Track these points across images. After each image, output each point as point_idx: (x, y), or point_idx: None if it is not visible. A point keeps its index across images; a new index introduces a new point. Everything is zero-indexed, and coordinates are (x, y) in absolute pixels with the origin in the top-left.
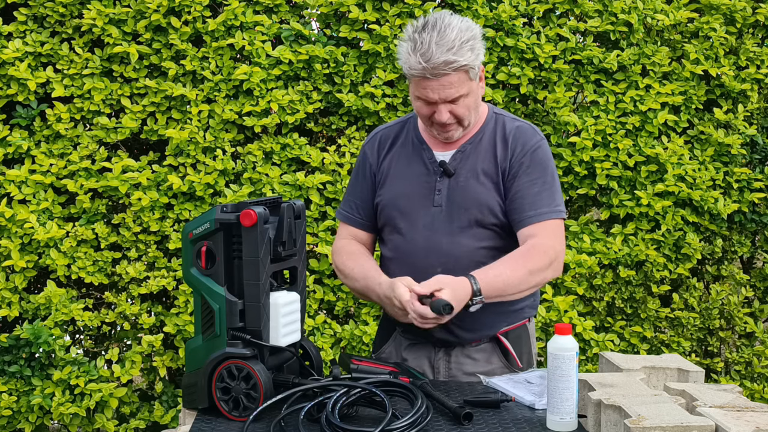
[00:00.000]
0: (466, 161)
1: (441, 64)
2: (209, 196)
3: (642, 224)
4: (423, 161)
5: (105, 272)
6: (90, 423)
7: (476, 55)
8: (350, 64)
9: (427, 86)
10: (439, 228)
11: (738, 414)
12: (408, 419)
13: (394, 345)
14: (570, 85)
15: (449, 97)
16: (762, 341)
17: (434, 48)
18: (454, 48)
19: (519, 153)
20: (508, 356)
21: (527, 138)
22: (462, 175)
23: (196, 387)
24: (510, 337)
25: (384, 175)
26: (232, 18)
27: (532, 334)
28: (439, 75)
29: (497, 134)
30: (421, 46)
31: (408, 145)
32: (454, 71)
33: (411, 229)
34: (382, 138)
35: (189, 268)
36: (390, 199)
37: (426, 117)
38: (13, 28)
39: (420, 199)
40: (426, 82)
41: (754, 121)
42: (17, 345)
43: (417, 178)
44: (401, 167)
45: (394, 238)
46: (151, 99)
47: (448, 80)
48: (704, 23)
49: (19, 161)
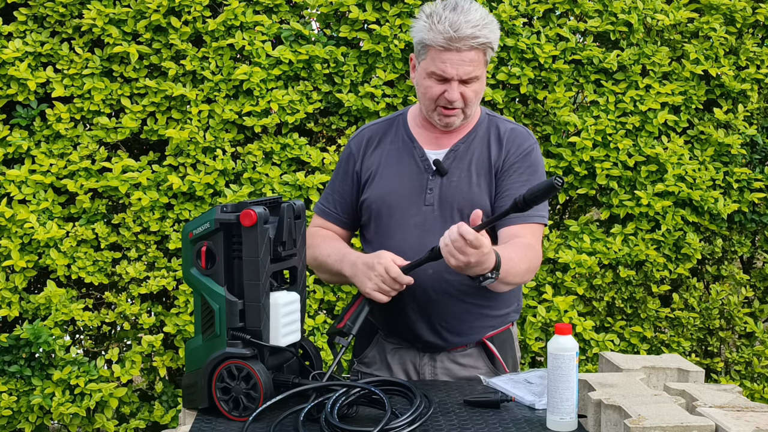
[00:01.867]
0: (459, 161)
1: (468, 36)
2: (209, 196)
3: (642, 224)
4: (414, 159)
5: (105, 272)
6: (90, 423)
7: (495, 38)
8: (350, 64)
9: (446, 59)
10: (431, 227)
11: (738, 414)
12: (407, 417)
13: (377, 349)
14: (570, 85)
15: (465, 74)
16: (762, 341)
17: (462, 22)
18: (480, 26)
19: (513, 154)
20: (494, 361)
21: (522, 140)
22: (455, 175)
23: (196, 387)
24: (495, 342)
25: (372, 172)
26: (232, 18)
27: (515, 339)
28: (461, 49)
29: (491, 134)
30: (446, 19)
31: (398, 142)
32: (477, 46)
33: (401, 228)
34: (370, 135)
35: (189, 268)
36: (378, 196)
37: (433, 98)
38: (13, 28)
39: (411, 197)
40: (447, 54)
41: (754, 121)
42: (17, 345)
43: (408, 175)
44: (391, 165)
45: (380, 238)
46: (151, 99)
47: (469, 56)
48: (704, 23)
49: (19, 161)
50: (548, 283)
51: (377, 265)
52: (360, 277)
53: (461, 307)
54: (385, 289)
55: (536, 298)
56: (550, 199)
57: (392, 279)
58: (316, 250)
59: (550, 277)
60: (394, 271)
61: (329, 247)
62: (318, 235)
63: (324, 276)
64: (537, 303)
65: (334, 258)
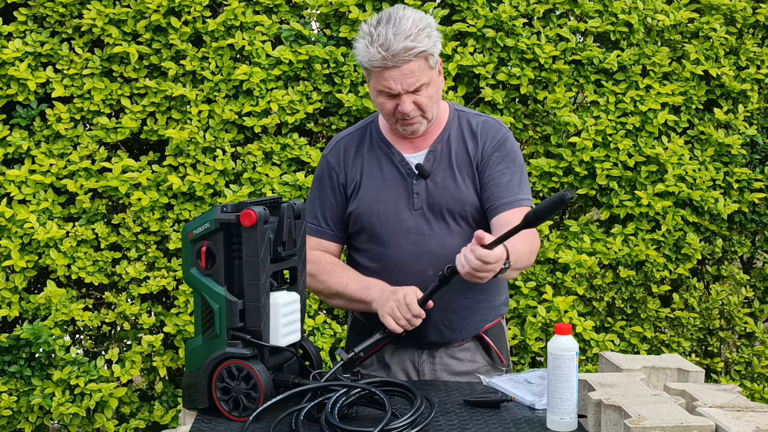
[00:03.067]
0: (439, 161)
1: (401, 50)
2: (209, 196)
3: (642, 224)
4: (394, 165)
5: (105, 272)
6: (90, 423)
7: (434, 42)
8: (350, 65)
9: (388, 77)
10: (424, 231)
11: (738, 414)
12: (408, 418)
13: None
14: (570, 85)
15: (411, 86)
16: (762, 341)
17: (392, 38)
18: (412, 36)
19: (489, 145)
20: (491, 353)
21: (495, 131)
22: (439, 176)
23: (196, 387)
24: (490, 335)
25: (356, 182)
26: (232, 18)
27: (506, 331)
28: (399, 63)
29: (464, 130)
30: (378, 37)
31: (375, 150)
32: (414, 57)
33: (395, 235)
34: (346, 146)
35: (189, 268)
36: (366, 206)
37: (390, 113)
38: (13, 28)
39: (398, 203)
40: (387, 72)
41: (754, 122)
42: (17, 345)
43: (391, 182)
44: (373, 173)
45: (376, 246)
46: (151, 99)
47: (409, 68)
48: (704, 23)
49: (19, 161)
50: (548, 283)
51: (399, 291)
52: (382, 301)
53: (461, 303)
54: (397, 315)
55: (536, 298)
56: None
57: (406, 305)
58: (330, 280)
59: (550, 277)
60: (409, 298)
61: (344, 275)
62: (324, 262)
63: (338, 303)
64: (537, 303)
65: (355, 287)
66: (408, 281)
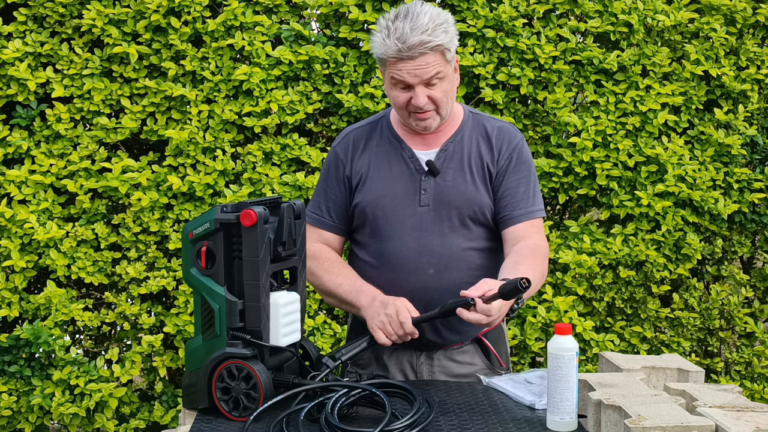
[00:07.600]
0: (450, 160)
1: (417, 44)
2: (209, 196)
3: (642, 224)
4: (404, 160)
5: (105, 272)
6: (90, 423)
7: (450, 38)
8: (350, 65)
9: (403, 68)
10: (428, 228)
11: (738, 414)
12: (408, 419)
13: (372, 350)
14: (570, 85)
15: (426, 76)
16: (762, 341)
17: (409, 31)
18: (429, 30)
19: (505, 152)
20: (490, 356)
21: (511, 137)
22: (449, 174)
23: (196, 387)
24: (489, 338)
25: (362, 175)
26: (231, 18)
27: (506, 334)
28: (414, 55)
29: (478, 132)
30: (395, 31)
31: (384, 144)
32: (431, 50)
33: (398, 230)
34: (355, 138)
35: (189, 268)
36: (372, 199)
37: (403, 105)
38: (13, 28)
39: (405, 199)
40: (402, 63)
41: (754, 122)
42: (17, 345)
43: (400, 177)
44: (381, 167)
45: (377, 241)
46: (151, 99)
47: (425, 60)
48: (704, 24)
49: (19, 161)
50: (548, 284)
51: (391, 305)
52: (371, 311)
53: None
54: (388, 330)
55: (536, 299)
56: (550, 200)
57: (399, 323)
58: (325, 277)
59: (550, 277)
60: (403, 316)
61: (340, 275)
62: (323, 258)
63: (330, 301)
64: (537, 303)
65: (347, 289)
66: (408, 279)
